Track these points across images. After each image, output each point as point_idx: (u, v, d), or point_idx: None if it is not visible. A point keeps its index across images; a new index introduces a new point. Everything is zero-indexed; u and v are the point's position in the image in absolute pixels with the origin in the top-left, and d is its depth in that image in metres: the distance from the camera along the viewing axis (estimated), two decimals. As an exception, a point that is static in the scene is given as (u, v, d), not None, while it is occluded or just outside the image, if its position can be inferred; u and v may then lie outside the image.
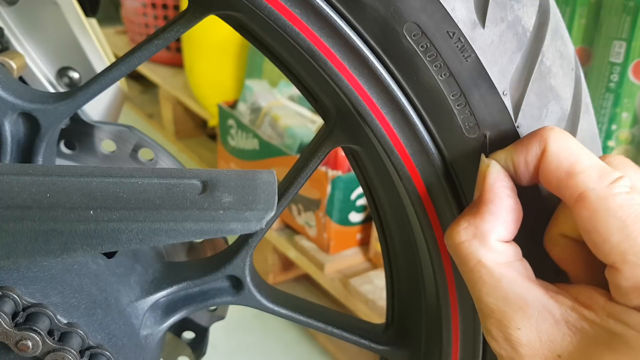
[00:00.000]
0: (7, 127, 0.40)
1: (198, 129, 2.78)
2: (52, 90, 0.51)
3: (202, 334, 0.55)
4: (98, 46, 0.51)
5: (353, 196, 1.56)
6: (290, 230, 1.74)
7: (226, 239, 0.51)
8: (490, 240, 0.33)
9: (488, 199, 0.34)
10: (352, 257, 1.63)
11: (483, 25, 0.34)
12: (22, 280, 0.36)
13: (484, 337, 0.42)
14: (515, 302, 0.32)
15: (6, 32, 0.48)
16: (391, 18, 0.33)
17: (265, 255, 1.79)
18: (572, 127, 0.37)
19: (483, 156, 0.35)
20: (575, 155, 0.32)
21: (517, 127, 0.36)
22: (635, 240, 0.30)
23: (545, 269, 0.36)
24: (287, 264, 1.82)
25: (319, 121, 1.76)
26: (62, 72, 0.51)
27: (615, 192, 0.30)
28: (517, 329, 0.32)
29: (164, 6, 2.73)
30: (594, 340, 0.31)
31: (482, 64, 0.34)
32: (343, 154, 0.49)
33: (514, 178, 0.34)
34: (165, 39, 0.38)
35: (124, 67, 0.39)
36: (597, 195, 0.31)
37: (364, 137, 0.40)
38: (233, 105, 2.10)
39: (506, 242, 0.34)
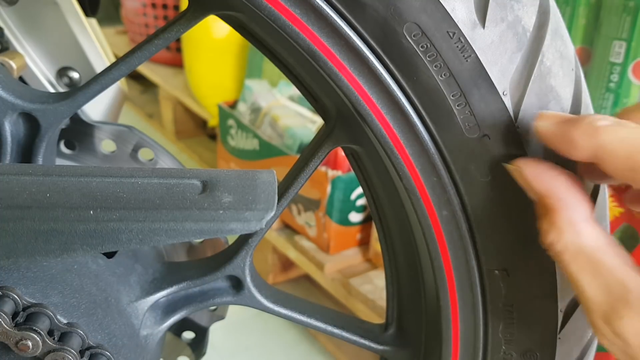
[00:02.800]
0: (7, 127, 0.40)
1: (198, 129, 2.77)
2: (52, 90, 0.51)
3: (202, 334, 0.55)
4: (98, 46, 0.51)
5: (353, 196, 1.56)
6: (290, 230, 1.74)
7: (226, 239, 0.51)
8: (577, 224, 0.32)
9: (544, 193, 0.33)
10: (352, 257, 1.63)
11: (483, 26, 0.34)
12: (22, 280, 0.36)
13: (484, 337, 0.43)
14: (616, 290, 0.31)
15: (6, 32, 0.48)
16: (391, 18, 0.33)
17: (265, 255, 1.79)
18: (572, 127, 0.37)
19: (509, 166, 0.35)
20: (636, 142, 0.30)
21: (517, 127, 0.36)
22: None
23: None
24: (287, 264, 1.81)
25: (319, 121, 1.76)
26: (62, 72, 0.51)
27: None
28: (620, 318, 0.31)
29: (164, 6, 2.72)
30: None
31: (482, 64, 0.34)
32: (343, 154, 0.49)
33: (563, 152, 0.33)
34: (165, 39, 0.38)
35: (124, 67, 0.39)
36: None
37: (364, 137, 0.40)
38: (233, 105, 2.10)
39: (594, 223, 0.32)
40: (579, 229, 0.32)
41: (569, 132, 0.32)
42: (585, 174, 0.35)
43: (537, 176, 0.33)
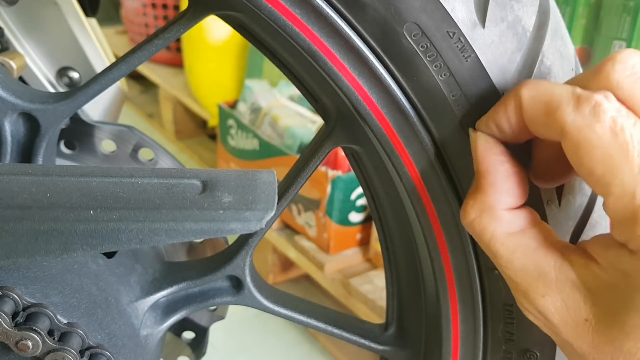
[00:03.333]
0: (7, 127, 0.40)
1: (198, 129, 2.77)
2: (52, 90, 0.51)
3: (202, 334, 0.55)
4: (98, 46, 0.51)
5: (353, 196, 1.56)
6: (290, 230, 1.74)
7: (226, 239, 0.51)
8: (497, 212, 0.32)
9: (484, 170, 0.33)
10: (352, 257, 1.63)
11: (483, 25, 0.34)
12: (22, 280, 0.36)
13: (484, 337, 0.43)
14: (533, 271, 0.32)
15: (6, 32, 0.48)
16: (391, 18, 0.33)
17: (265, 255, 1.79)
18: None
19: (470, 130, 0.35)
20: (548, 92, 0.30)
21: (517, 127, 0.36)
22: (620, 169, 0.28)
23: None
24: (287, 264, 1.82)
25: (319, 121, 1.76)
26: (62, 72, 0.51)
27: (596, 120, 0.28)
28: (542, 296, 0.31)
29: (164, 6, 2.72)
30: (612, 299, 0.30)
31: (482, 64, 0.34)
32: (343, 154, 0.49)
33: (506, 138, 0.33)
34: (165, 39, 0.38)
35: (124, 67, 0.39)
36: (576, 126, 0.29)
37: (364, 137, 0.40)
38: (233, 105, 2.10)
39: (516, 208, 0.33)
40: (498, 215, 0.33)
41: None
42: (539, 176, 0.35)
43: (484, 151, 0.33)
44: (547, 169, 0.35)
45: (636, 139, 0.28)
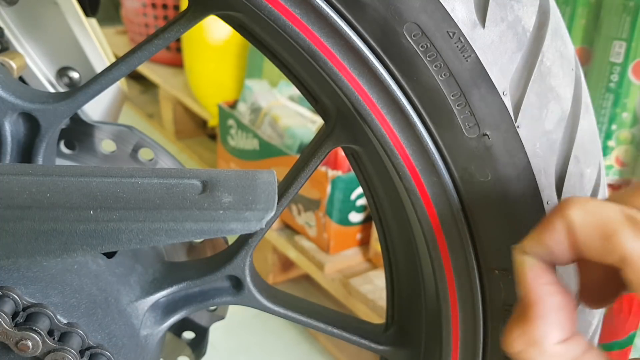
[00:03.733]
0: (7, 127, 0.40)
1: (198, 129, 2.77)
2: (52, 90, 0.51)
3: (202, 334, 0.55)
4: (98, 46, 0.51)
5: (353, 196, 1.56)
6: (290, 230, 1.74)
7: (226, 239, 0.51)
8: (546, 346, 0.30)
9: (533, 301, 0.31)
10: (352, 257, 1.63)
11: (483, 25, 0.34)
12: (22, 280, 0.36)
13: (484, 337, 0.42)
14: None
15: (6, 32, 0.48)
16: (391, 18, 0.33)
17: (265, 255, 1.79)
18: (572, 127, 0.37)
19: (516, 251, 0.33)
20: (601, 216, 0.29)
21: (517, 127, 0.36)
22: None
23: None
24: (287, 264, 1.81)
25: (319, 121, 1.76)
26: (62, 72, 0.51)
27: None
28: None
29: (164, 6, 2.72)
30: None
31: (482, 64, 0.34)
32: (343, 154, 0.49)
33: (553, 262, 0.32)
34: (165, 39, 0.38)
35: (124, 67, 0.39)
36: (638, 252, 0.28)
37: (364, 137, 0.40)
38: (233, 105, 2.10)
39: (567, 339, 0.31)
40: (548, 350, 0.31)
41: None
42: (586, 298, 0.34)
43: (533, 280, 0.31)
44: (596, 289, 0.33)
45: None
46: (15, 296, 0.34)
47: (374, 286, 1.51)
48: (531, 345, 0.31)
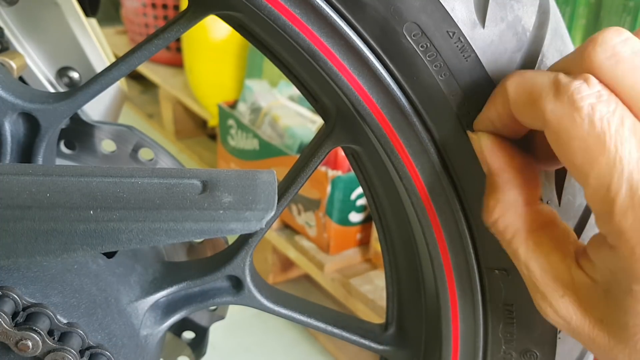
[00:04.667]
0: (7, 127, 0.40)
1: (198, 129, 2.78)
2: (52, 90, 0.51)
3: (202, 334, 0.55)
4: (98, 46, 0.51)
5: (353, 196, 1.56)
6: (290, 230, 1.74)
7: (226, 239, 0.51)
8: (520, 207, 0.32)
9: (496, 169, 0.32)
10: (352, 257, 1.63)
11: (483, 25, 0.34)
12: (22, 280, 0.36)
13: (484, 337, 0.43)
14: (551, 271, 0.31)
15: (6, 32, 0.48)
16: (391, 18, 0.33)
17: (265, 255, 1.79)
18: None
19: (469, 133, 0.35)
20: (531, 81, 0.30)
21: (517, 127, 0.36)
22: (596, 160, 0.27)
23: None
24: (287, 264, 1.82)
25: (319, 121, 1.76)
26: (62, 72, 0.51)
27: (575, 109, 0.27)
28: (561, 297, 0.31)
29: (164, 6, 2.72)
30: (612, 300, 0.29)
31: (482, 63, 0.34)
32: (343, 154, 0.49)
33: (504, 133, 0.33)
34: (165, 39, 0.38)
35: (124, 67, 0.39)
36: (556, 116, 0.28)
37: (364, 137, 0.40)
38: (233, 105, 2.10)
39: (536, 205, 0.32)
40: (521, 211, 0.32)
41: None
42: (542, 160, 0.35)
43: (492, 151, 0.33)
44: (549, 154, 0.34)
45: (614, 127, 0.27)
46: (15, 296, 0.34)
47: (374, 286, 1.51)
48: (508, 209, 0.32)
